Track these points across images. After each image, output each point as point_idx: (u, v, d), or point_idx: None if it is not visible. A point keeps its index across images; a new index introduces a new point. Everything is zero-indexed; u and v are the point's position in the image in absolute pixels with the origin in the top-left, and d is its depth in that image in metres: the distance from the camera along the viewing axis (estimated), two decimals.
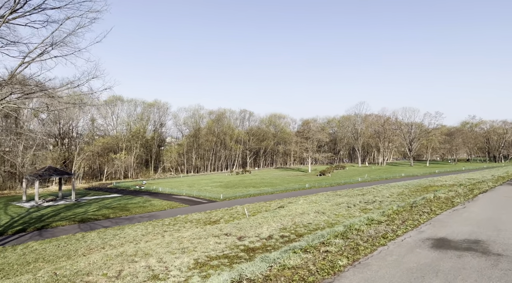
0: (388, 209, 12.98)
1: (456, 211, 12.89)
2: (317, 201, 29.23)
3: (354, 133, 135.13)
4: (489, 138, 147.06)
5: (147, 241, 23.70)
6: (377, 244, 8.55)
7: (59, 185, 48.67)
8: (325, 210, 24.52)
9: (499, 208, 13.66)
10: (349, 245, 8.40)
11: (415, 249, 8.19)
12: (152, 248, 15.47)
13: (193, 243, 15.96)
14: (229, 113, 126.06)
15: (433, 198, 15.79)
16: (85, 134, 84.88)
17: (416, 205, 13.56)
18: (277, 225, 20.13)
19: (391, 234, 9.55)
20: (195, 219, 32.85)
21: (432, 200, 15.17)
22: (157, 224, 31.40)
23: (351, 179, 71.71)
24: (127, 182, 76.44)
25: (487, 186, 21.42)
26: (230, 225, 20.54)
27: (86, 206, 41.99)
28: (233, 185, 64.22)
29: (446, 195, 16.62)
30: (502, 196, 17.32)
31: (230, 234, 17.91)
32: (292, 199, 37.99)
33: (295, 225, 19.69)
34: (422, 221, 11.08)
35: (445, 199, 15.39)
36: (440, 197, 16.14)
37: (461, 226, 10.60)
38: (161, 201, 45.29)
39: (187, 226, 29.28)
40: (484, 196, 16.96)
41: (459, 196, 16.42)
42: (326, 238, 9.35)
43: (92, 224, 32.47)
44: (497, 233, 9.79)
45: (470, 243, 8.74)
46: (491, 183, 23.59)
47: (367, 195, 31.98)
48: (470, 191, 18.74)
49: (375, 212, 14.49)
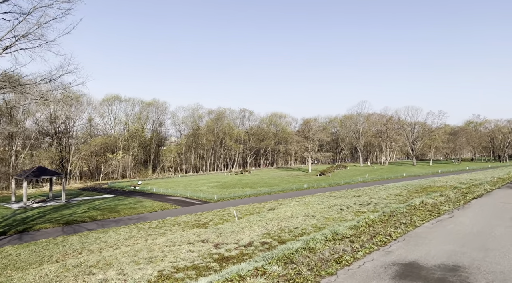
0: (363, 218, 11.35)
1: (440, 223, 10.82)
2: (309, 203, 27.83)
3: (356, 133, 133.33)
4: (493, 138, 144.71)
5: (128, 245, 22.47)
6: (324, 273, 6.67)
7: (49, 185, 47.57)
8: (316, 213, 23.12)
9: (492, 218, 11.61)
10: (286, 276, 6.48)
11: (370, 282, 6.28)
12: (117, 258, 14.15)
13: (164, 252, 14.62)
14: (228, 112, 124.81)
15: (418, 204, 14.00)
16: (81, 134, 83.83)
17: (395, 214, 11.80)
18: (261, 230, 18.76)
19: (349, 256, 7.65)
20: (183, 221, 31.58)
21: (417, 207, 13.47)
22: (143, 227, 30.16)
23: (351, 179, 70.15)
24: (123, 182, 75.32)
25: (483, 189, 19.55)
26: (210, 230, 19.19)
27: (75, 207, 40.83)
28: (230, 185, 62.90)
29: (434, 201, 14.88)
30: (498, 202, 15.44)
31: (208, 240, 16.56)
32: (285, 200, 36.60)
33: (280, 230, 18.33)
34: (395, 236, 9.20)
35: (431, 206, 13.63)
36: (427, 203, 14.29)
37: (440, 244, 8.66)
38: (153, 202, 44.04)
39: (173, 230, 28.02)
40: (477, 202, 15.05)
41: (448, 203, 14.63)
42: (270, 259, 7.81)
43: (77, 227, 31.28)
44: (484, 254, 7.80)
45: (447, 270, 6.75)
46: (489, 186, 21.65)
47: (363, 196, 30.52)
48: (463, 196, 16.99)
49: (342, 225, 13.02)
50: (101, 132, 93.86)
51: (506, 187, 21.79)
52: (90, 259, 14.55)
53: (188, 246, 15.42)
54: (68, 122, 79.21)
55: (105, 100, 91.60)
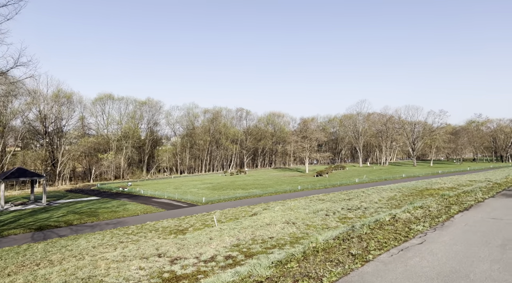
0: (309, 242, 8.79)
1: (404, 253, 7.57)
2: (294, 207, 25.77)
3: (355, 133, 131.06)
4: (496, 137, 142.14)
5: (93, 254, 20.54)
6: None
7: (31, 187, 45.67)
8: (298, 219, 21.07)
9: (476, 245, 8.23)
10: None
11: None
12: (50, 278, 12.15)
13: (109, 269, 12.57)
14: (225, 112, 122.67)
15: (388, 221, 11.25)
16: (71, 134, 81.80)
17: (351, 237, 9.04)
18: (231, 240, 16.72)
19: None
20: (163, 227, 29.61)
21: (383, 226, 10.47)
22: (119, 232, 28.22)
23: (348, 180, 68.02)
24: (113, 183, 73.28)
25: (474, 198, 16.34)
26: (173, 242, 17.16)
27: (54, 210, 38.88)
28: (222, 187, 60.88)
29: (409, 216, 12.07)
30: (488, 217, 12.12)
31: (165, 254, 14.50)
32: (273, 204, 34.58)
33: (253, 240, 16.30)
34: (327, 280, 5.98)
35: (402, 224, 10.67)
36: (399, 219, 11.48)
37: None
38: (137, 205, 42.06)
39: (148, 236, 26.08)
40: (462, 218, 11.88)
41: (425, 218, 11.57)
42: None
43: (49, 233, 29.31)
44: None
45: None
46: (481, 193, 18.39)
47: (353, 200, 28.47)
48: (447, 207, 13.81)
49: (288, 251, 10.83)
50: (93, 132, 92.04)
51: (501, 195, 18.32)
52: (17, 279, 12.52)
53: (140, 261, 13.39)
54: (57, 122, 77.30)
55: (97, 99, 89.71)
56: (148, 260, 13.65)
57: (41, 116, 73.66)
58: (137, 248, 16.39)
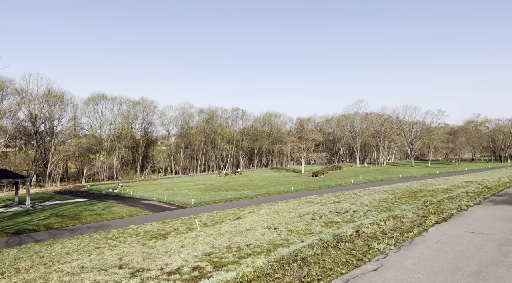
0: (242, 269, 7.24)
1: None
2: (280, 211, 24.50)
3: (352, 132, 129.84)
4: (494, 137, 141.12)
5: (64, 262, 19.27)
6: None
7: (15, 189, 44.38)
8: (281, 224, 19.82)
9: (443, 272, 6.52)
10: None
11: None
12: None
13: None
14: (221, 112, 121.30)
15: (349, 236, 9.54)
16: (62, 134, 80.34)
17: (295, 260, 7.60)
18: (204, 248, 15.46)
19: None
20: (145, 231, 28.35)
21: (340, 243, 8.65)
22: (98, 237, 26.94)
23: (344, 181, 66.81)
24: (104, 184, 71.81)
25: (457, 206, 14.38)
26: (141, 250, 15.89)
27: (36, 213, 37.58)
28: (214, 188, 59.61)
29: (375, 230, 10.30)
30: (467, 231, 10.07)
31: (128, 265, 13.22)
32: (260, 206, 33.35)
33: (227, 248, 15.03)
34: None
35: (363, 241, 8.88)
36: (363, 234, 9.71)
37: None
38: (124, 207, 40.79)
39: (128, 241, 24.82)
40: (436, 233, 9.80)
41: (394, 233, 9.83)
42: None
43: (26, 237, 28.02)
44: None
45: None
46: (466, 200, 16.40)
47: (343, 202, 27.20)
48: (423, 218, 11.99)
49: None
50: (86, 132, 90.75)
51: (489, 201, 16.10)
52: None
53: (96, 274, 12.13)
54: (48, 122, 75.87)
55: (90, 99, 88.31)
56: (106, 272, 12.41)
57: (31, 115, 72.30)
58: (100, 257, 15.14)
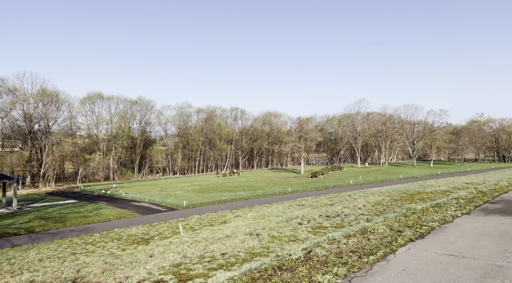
0: None
1: None
2: (268, 214, 23.10)
3: (353, 132, 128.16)
4: (498, 137, 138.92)
5: (34, 270, 17.97)
6: None
7: (2, 190, 43.22)
8: (264, 229, 18.39)
9: None
10: None
11: None
12: None
13: None
14: (219, 111, 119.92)
15: (295, 259, 7.83)
16: (57, 134, 79.19)
17: None
18: (175, 258, 14.07)
19: None
20: (128, 235, 27.04)
21: (275, 274, 6.96)
22: (78, 241, 25.65)
23: (342, 181, 65.27)
24: (98, 185, 70.51)
25: (442, 216, 12.30)
26: (103, 260, 14.53)
27: (21, 216, 36.37)
28: (210, 189, 58.27)
29: (330, 251, 8.17)
30: (447, 252, 7.87)
31: (83, 279, 11.79)
32: (251, 209, 31.96)
33: (200, 258, 13.66)
34: None
35: (308, 269, 7.03)
36: (313, 257, 7.82)
37: None
38: (113, 209, 39.53)
39: (108, 246, 23.53)
40: (405, 255, 7.69)
41: (352, 256, 7.77)
42: None
43: (3, 241, 26.76)
44: None
45: None
46: (455, 208, 14.09)
47: (336, 205, 25.75)
48: (397, 234, 9.67)
49: None
50: (82, 131, 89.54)
51: (481, 210, 13.74)
52: None
53: None
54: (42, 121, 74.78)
55: (86, 98, 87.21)
56: None
57: (25, 115, 71.28)
58: (56, 269, 13.79)
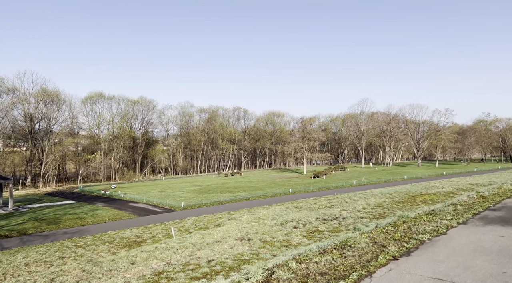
0: None
1: None
2: (262, 217, 22.19)
3: (357, 132, 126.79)
4: (505, 137, 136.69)
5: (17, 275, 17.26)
6: None
7: None
8: (257, 234, 17.46)
9: None
10: None
11: None
12: None
13: None
14: (222, 111, 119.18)
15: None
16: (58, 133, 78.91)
17: None
18: (158, 265, 13.21)
19: None
20: (121, 237, 26.30)
21: None
22: (69, 244, 24.95)
23: (345, 182, 64.17)
24: (98, 185, 69.99)
25: (435, 227, 10.66)
26: (81, 268, 13.70)
27: (16, 217, 35.83)
28: (210, 189, 57.50)
29: (293, 275, 6.67)
30: (433, 275, 6.55)
31: None
32: (243, 211, 31.14)
33: (184, 265, 12.76)
34: None
35: None
36: (274, 280, 6.49)
37: None
38: (109, 211, 38.88)
39: (98, 249, 22.82)
40: (384, 278, 6.42)
41: (321, 280, 6.44)
42: None
43: None
44: None
45: None
46: (450, 216, 12.34)
47: (334, 207, 24.77)
48: (379, 250, 8.27)
49: None
50: (84, 131, 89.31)
51: (479, 219, 12.03)
52: None
53: None
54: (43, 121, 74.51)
55: (87, 98, 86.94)
56: None
57: (25, 114, 71.06)
58: (30, 278, 13.00)
